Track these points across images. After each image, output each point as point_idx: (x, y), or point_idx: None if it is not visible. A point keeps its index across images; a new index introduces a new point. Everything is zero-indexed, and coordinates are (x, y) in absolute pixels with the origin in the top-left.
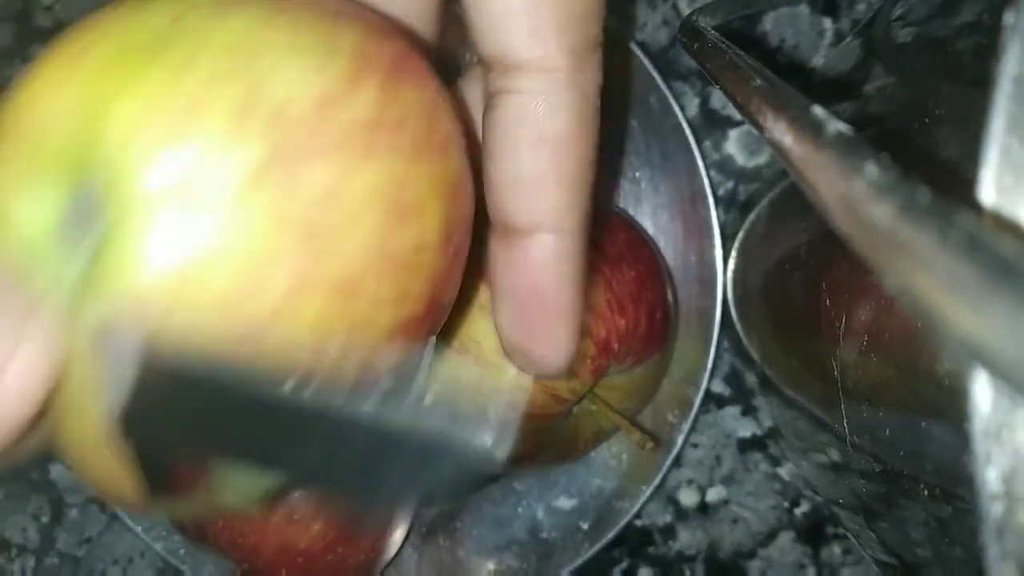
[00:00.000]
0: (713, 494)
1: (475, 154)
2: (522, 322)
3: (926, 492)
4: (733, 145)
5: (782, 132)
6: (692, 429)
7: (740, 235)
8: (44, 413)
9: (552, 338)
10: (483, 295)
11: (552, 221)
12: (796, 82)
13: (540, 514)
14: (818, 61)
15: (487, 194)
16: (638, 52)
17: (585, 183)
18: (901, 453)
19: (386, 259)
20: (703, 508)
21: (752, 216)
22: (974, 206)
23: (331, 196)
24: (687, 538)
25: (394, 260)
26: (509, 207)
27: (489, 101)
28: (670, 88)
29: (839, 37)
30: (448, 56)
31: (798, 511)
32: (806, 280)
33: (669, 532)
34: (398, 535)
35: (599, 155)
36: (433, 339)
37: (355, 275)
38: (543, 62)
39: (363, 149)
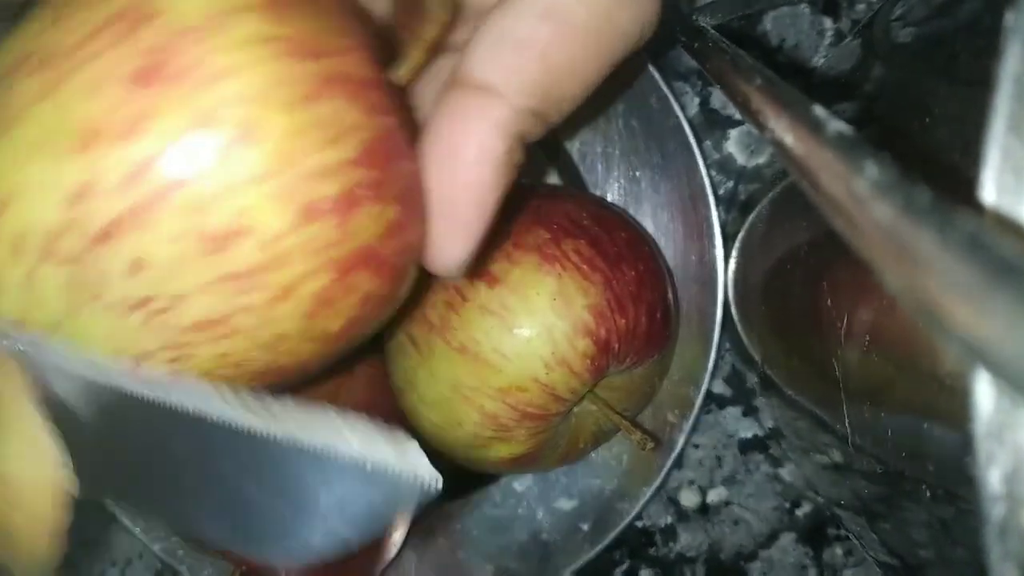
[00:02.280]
0: (714, 495)
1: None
2: (432, 188)
3: (928, 493)
4: (733, 145)
5: (783, 131)
6: (693, 430)
7: (741, 235)
8: None
9: (453, 219)
10: (483, 295)
11: (511, 89)
12: (796, 82)
13: (540, 515)
14: (818, 61)
15: (466, 51)
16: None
17: (564, 88)
18: (903, 454)
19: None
20: (704, 509)
21: (753, 216)
22: (974, 206)
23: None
24: (688, 539)
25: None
26: (477, 60)
27: None
28: (670, 88)
29: (839, 37)
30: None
31: (799, 512)
32: (807, 280)
33: (670, 533)
34: (398, 536)
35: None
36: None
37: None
38: None
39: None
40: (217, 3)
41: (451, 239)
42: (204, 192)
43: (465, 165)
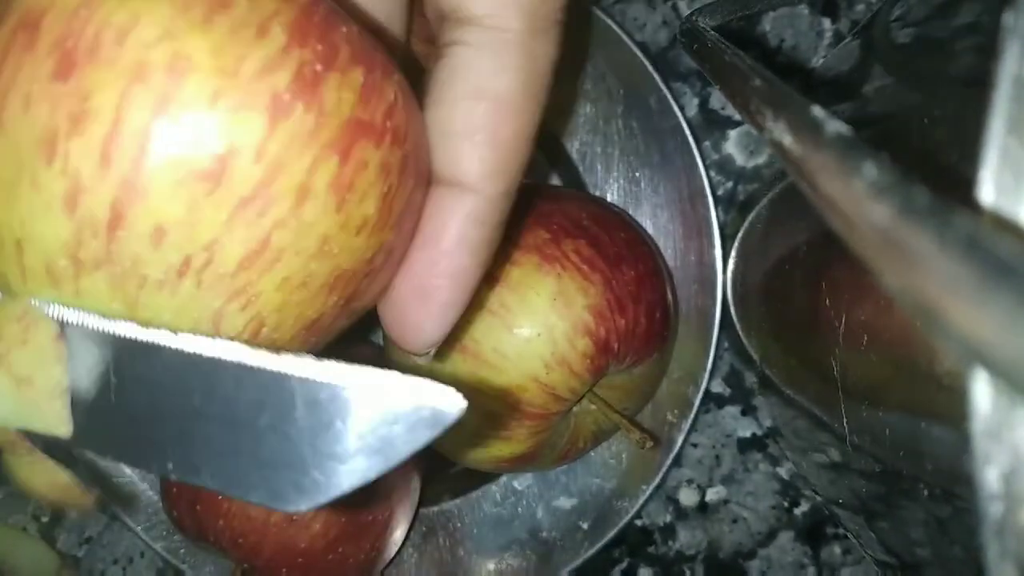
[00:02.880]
0: (713, 494)
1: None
2: (410, 274)
3: (926, 492)
4: (732, 145)
5: (781, 132)
6: (692, 429)
7: (739, 235)
8: None
9: (431, 302)
10: (483, 294)
11: (474, 181)
12: (795, 82)
13: (540, 513)
14: (817, 61)
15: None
16: (638, 53)
17: (519, 154)
18: (901, 453)
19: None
20: (703, 508)
21: (751, 216)
22: (973, 206)
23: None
24: (687, 538)
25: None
26: (436, 156)
27: (437, 54)
28: (669, 88)
29: (838, 38)
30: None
31: (798, 511)
32: (805, 280)
33: (669, 532)
34: (398, 534)
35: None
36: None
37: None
38: (494, 20)
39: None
40: None
41: (430, 322)
42: (173, 137)
43: (444, 255)
